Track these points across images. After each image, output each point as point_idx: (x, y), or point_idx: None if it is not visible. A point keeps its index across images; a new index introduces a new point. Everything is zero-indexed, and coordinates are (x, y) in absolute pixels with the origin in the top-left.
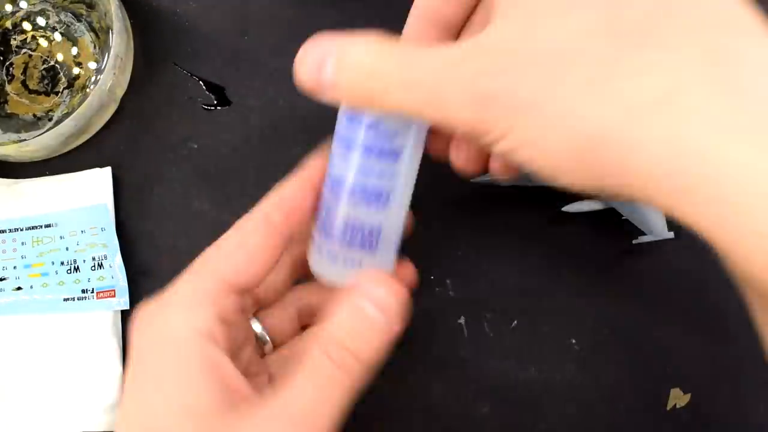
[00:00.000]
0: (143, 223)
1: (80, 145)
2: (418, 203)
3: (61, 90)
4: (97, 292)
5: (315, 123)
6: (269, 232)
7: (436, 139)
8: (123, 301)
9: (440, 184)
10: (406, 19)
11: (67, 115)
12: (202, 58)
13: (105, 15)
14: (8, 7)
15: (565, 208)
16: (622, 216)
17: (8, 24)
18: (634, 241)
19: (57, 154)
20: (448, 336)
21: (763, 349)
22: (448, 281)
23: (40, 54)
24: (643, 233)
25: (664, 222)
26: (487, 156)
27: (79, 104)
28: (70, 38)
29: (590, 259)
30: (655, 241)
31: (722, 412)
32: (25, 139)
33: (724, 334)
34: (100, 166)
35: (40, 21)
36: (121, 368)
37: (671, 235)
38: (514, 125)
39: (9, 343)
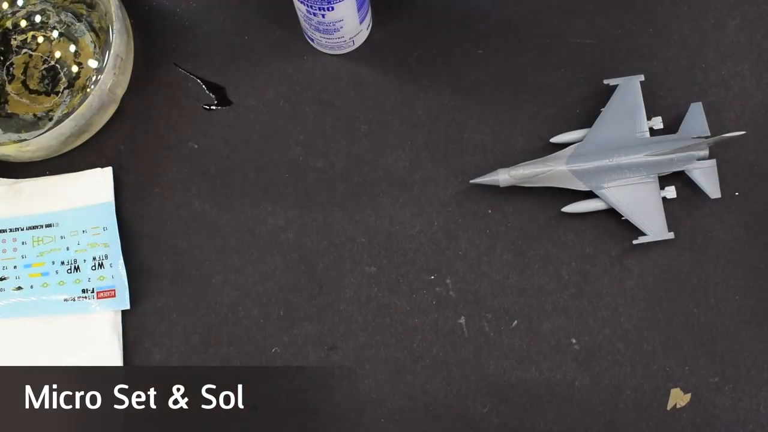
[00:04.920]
0: (143, 223)
1: (80, 145)
2: (419, 204)
3: (61, 90)
4: (97, 292)
5: (315, 123)
6: None
7: None
8: (123, 301)
9: (440, 184)
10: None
11: (67, 115)
12: (202, 58)
13: (105, 15)
14: (5, 5)
15: (565, 209)
16: (622, 216)
17: (8, 24)
18: (634, 242)
19: (57, 154)
20: (448, 336)
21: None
22: (448, 281)
23: (40, 54)
24: (643, 233)
25: (665, 222)
26: None
27: (80, 104)
28: (71, 38)
29: (590, 259)
30: (655, 241)
31: (722, 412)
32: (25, 139)
33: (724, 334)
34: (101, 166)
35: (41, 21)
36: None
37: (671, 235)
38: None
39: (9, 343)
